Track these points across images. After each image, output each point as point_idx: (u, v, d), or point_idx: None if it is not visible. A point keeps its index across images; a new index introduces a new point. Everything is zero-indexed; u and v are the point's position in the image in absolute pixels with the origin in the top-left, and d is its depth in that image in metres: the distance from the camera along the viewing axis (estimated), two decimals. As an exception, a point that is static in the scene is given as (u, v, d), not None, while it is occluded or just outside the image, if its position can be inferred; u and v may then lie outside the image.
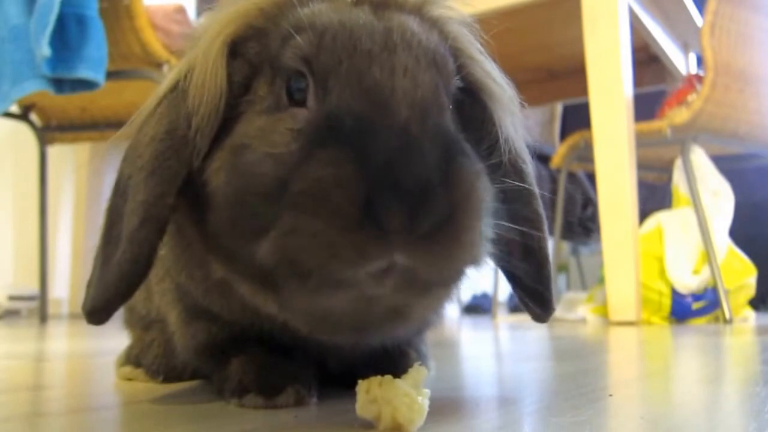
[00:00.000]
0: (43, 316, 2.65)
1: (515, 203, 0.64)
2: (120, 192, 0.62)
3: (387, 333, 0.62)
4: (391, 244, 0.48)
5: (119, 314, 0.97)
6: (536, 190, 0.69)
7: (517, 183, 0.66)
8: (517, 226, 0.63)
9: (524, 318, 2.88)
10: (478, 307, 3.91)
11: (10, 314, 3.08)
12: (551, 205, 2.98)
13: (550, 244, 0.76)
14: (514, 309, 3.74)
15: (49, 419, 0.62)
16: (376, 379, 0.54)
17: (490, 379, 0.93)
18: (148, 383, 0.85)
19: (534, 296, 0.70)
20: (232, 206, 0.56)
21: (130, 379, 0.88)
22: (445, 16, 0.66)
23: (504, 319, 3.02)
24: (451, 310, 3.33)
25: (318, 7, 0.60)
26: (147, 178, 0.59)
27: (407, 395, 0.52)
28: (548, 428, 0.54)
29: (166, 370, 0.85)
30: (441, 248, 0.50)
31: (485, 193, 0.54)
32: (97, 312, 0.60)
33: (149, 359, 0.87)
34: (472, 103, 0.66)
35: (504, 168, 0.65)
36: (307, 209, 0.49)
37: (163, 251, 0.69)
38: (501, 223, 0.58)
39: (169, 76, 0.65)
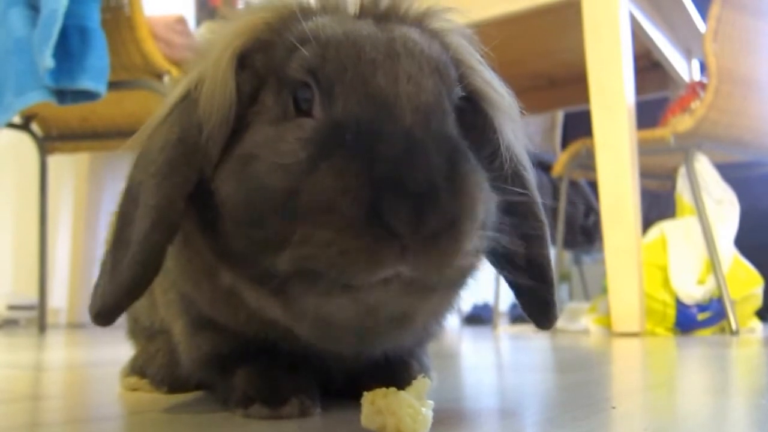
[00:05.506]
0: (41, 326, 2.64)
1: (517, 210, 0.64)
2: (131, 197, 0.63)
3: (390, 341, 0.63)
4: (399, 250, 0.49)
5: (121, 324, 0.98)
6: (538, 197, 0.70)
7: (519, 190, 0.66)
8: (519, 233, 0.63)
9: (526, 328, 2.85)
10: (479, 317, 3.88)
11: (9, 323, 3.08)
12: (552, 214, 2.96)
13: (552, 253, 0.77)
14: (515, 319, 3.71)
15: (51, 430, 0.61)
16: (380, 391, 0.55)
17: (491, 390, 0.92)
18: (153, 393, 0.85)
19: (537, 303, 0.70)
20: (243, 216, 0.57)
21: (135, 389, 0.88)
22: (445, 28, 0.68)
23: (505, 329, 3.00)
24: (452, 321, 3.31)
25: (322, 20, 0.62)
26: (159, 184, 0.60)
27: (411, 406, 0.53)
28: (549, 441, 0.53)
29: (171, 381, 0.85)
30: (445, 251, 0.51)
31: (488, 197, 0.55)
32: (105, 313, 0.60)
33: (154, 369, 0.88)
34: (473, 112, 0.66)
35: (505, 175, 0.66)
36: (317, 220, 0.50)
37: (169, 262, 0.69)
38: (503, 230, 0.59)
39: (178, 87, 0.66)
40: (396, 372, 0.72)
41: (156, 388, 0.86)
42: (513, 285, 0.69)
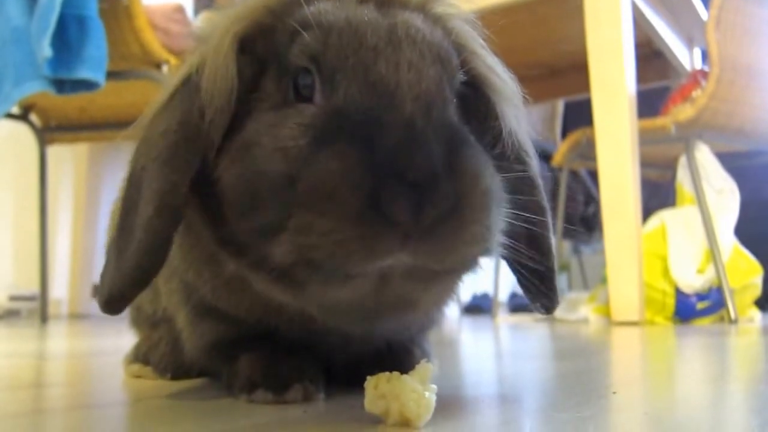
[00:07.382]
0: (43, 317, 2.65)
1: (519, 195, 0.64)
2: (133, 183, 0.63)
3: (396, 320, 0.63)
4: (399, 240, 0.49)
5: (123, 315, 0.98)
6: (540, 182, 0.70)
7: (521, 172, 0.66)
8: (521, 218, 0.63)
9: (525, 318, 2.86)
10: (479, 307, 3.88)
11: (11, 314, 3.08)
12: (552, 204, 2.96)
13: (552, 241, 0.77)
14: (514, 309, 3.72)
15: (55, 415, 0.62)
16: (384, 375, 0.55)
17: (492, 377, 0.92)
18: (157, 380, 0.86)
19: (539, 288, 0.70)
20: (243, 202, 0.57)
21: (138, 377, 0.89)
22: (448, 13, 0.67)
23: (505, 319, 3.00)
24: (451, 310, 3.32)
25: (323, 5, 0.61)
26: (162, 168, 0.59)
27: (414, 391, 0.53)
28: (552, 424, 0.54)
29: (174, 368, 0.86)
30: (446, 240, 0.51)
31: (492, 182, 0.55)
32: (113, 301, 0.61)
33: (157, 357, 0.88)
34: (475, 97, 0.66)
35: (507, 160, 0.65)
36: (317, 208, 0.50)
37: (171, 251, 0.69)
38: (506, 213, 0.59)
39: (179, 71, 0.66)
40: (398, 358, 0.73)
41: (159, 375, 0.87)
42: (515, 269, 0.70)
